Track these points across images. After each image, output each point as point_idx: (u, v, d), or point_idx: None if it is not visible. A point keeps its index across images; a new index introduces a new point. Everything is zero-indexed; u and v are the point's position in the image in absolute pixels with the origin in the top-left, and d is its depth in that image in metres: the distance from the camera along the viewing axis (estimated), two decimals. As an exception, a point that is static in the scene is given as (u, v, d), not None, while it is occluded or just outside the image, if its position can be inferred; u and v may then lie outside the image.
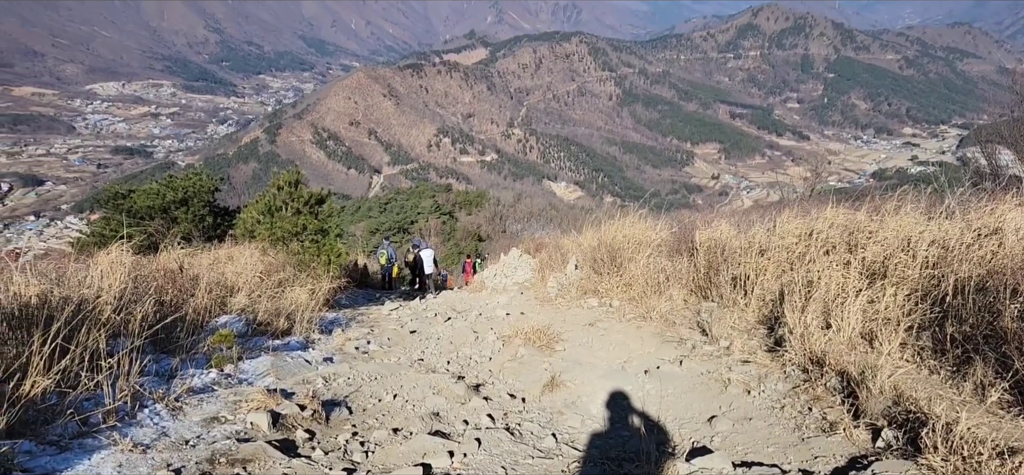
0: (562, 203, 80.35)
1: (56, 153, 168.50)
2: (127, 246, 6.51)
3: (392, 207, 50.73)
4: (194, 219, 15.79)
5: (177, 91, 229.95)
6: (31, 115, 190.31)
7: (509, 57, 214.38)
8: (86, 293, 5.15)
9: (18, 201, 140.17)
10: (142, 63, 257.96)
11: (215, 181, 17.26)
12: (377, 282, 20.11)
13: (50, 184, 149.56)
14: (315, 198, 12.72)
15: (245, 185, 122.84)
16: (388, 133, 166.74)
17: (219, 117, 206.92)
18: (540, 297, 9.83)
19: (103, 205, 16.50)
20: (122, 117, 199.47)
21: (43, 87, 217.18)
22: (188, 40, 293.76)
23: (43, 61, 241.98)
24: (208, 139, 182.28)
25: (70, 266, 6.53)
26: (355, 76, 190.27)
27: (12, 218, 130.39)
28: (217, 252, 9.48)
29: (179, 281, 7.04)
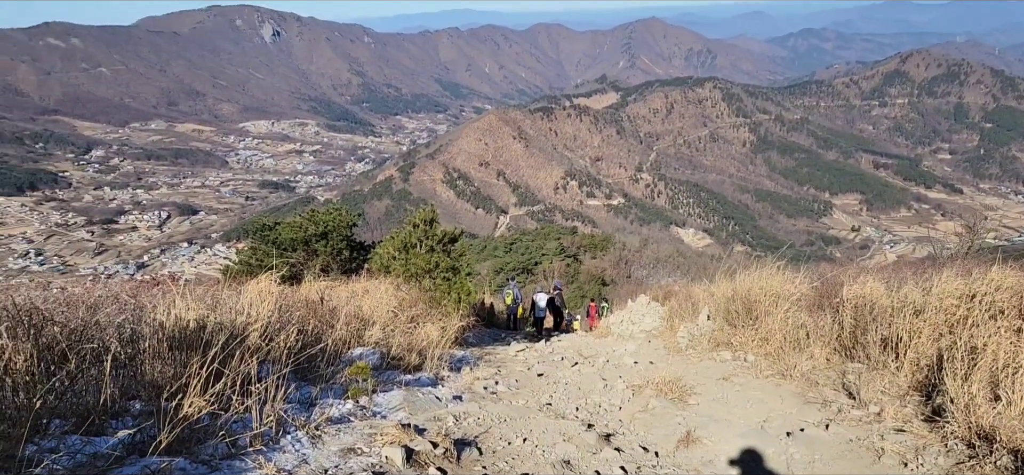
0: (690, 250, 78.50)
1: (210, 185, 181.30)
2: (275, 276, 6.86)
3: (517, 247, 51.21)
4: (333, 252, 16.51)
5: (320, 130, 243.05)
6: (191, 150, 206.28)
7: (640, 102, 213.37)
8: (237, 320, 5.44)
9: (174, 228, 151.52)
10: (291, 103, 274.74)
11: (353, 216, 18.00)
12: (502, 322, 20.29)
13: (203, 214, 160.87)
14: (448, 236, 13.02)
15: (378, 221, 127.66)
16: (516, 174, 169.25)
17: (357, 155, 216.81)
18: (669, 347, 9.58)
19: (251, 235, 17.57)
20: (270, 153, 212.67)
21: (202, 124, 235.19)
22: (333, 82, 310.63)
23: (204, 100, 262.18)
24: (346, 176, 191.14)
25: (223, 293, 6.94)
26: (487, 118, 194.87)
27: (169, 243, 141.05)
28: (354, 285, 9.84)
29: (320, 312, 7.34)
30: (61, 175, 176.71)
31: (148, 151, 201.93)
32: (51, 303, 5.10)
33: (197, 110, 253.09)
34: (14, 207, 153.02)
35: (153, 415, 3.88)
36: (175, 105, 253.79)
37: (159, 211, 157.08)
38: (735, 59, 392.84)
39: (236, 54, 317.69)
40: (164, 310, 5.17)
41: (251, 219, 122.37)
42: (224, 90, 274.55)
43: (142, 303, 5.71)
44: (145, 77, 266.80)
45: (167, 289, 7.18)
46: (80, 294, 6.07)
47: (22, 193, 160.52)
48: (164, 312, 5.13)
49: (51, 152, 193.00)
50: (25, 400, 3.54)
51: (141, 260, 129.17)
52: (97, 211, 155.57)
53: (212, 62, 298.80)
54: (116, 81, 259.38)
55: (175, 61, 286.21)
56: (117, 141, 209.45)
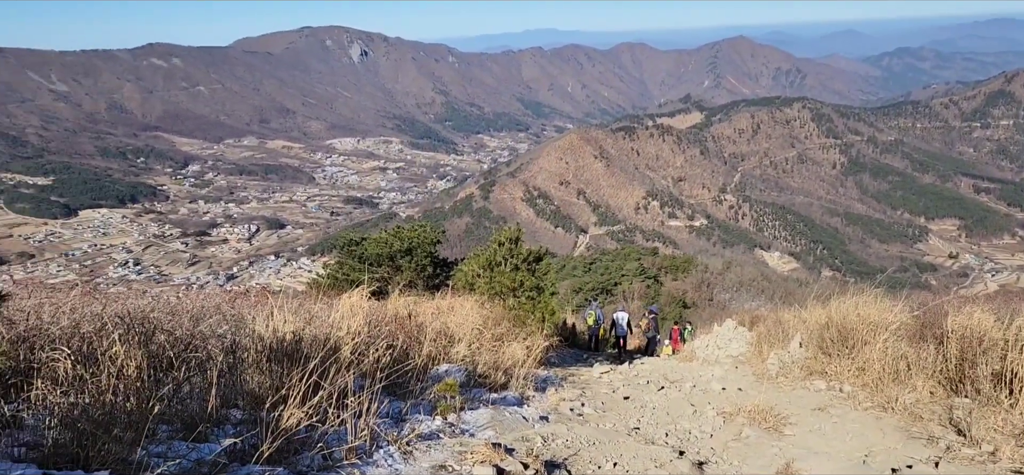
0: (775, 274, 76.24)
1: (297, 200, 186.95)
2: (366, 291, 6.99)
3: (597, 267, 50.87)
4: (417, 268, 16.75)
5: (404, 147, 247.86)
6: (280, 165, 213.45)
7: (725, 122, 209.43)
8: (331, 333, 5.55)
9: (263, 241, 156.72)
10: (376, 121, 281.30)
11: (437, 233, 18.23)
12: (584, 342, 20.14)
13: (290, 227, 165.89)
14: (533, 256, 13.03)
15: (458, 238, 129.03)
16: (597, 194, 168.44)
17: (439, 173, 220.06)
18: (758, 373, 9.30)
19: (339, 250, 18.00)
20: (355, 170, 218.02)
21: (292, 141, 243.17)
22: (417, 101, 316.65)
23: (294, 118, 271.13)
24: (428, 193, 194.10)
25: (316, 306, 7.11)
26: (568, 137, 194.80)
27: (257, 256, 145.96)
28: (439, 302, 9.94)
29: (407, 328, 7.43)
30: (160, 189, 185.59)
31: (240, 167, 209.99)
32: (158, 312, 5.33)
33: (287, 127, 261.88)
34: (116, 218, 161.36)
35: (253, 424, 3.98)
36: (267, 122, 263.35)
37: (249, 224, 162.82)
38: (825, 78, 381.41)
39: (325, 73, 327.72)
40: (262, 322, 5.32)
41: (336, 234, 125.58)
42: (313, 108, 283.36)
43: (241, 314, 5.89)
44: (240, 95, 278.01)
45: (263, 301, 7.40)
46: (184, 304, 6.33)
47: (124, 205, 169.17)
48: (262, 324, 5.28)
49: (151, 167, 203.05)
50: (136, 406, 3.68)
51: (231, 271, 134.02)
52: (192, 224, 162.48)
53: (302, 81, 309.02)
54: (213, 99, 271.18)
55: (268, 80, 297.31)
56: (212, 157, 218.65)
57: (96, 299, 5.78)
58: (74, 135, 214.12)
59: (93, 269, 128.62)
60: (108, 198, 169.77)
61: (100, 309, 4.96)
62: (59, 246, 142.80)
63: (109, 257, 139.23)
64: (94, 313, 4.80)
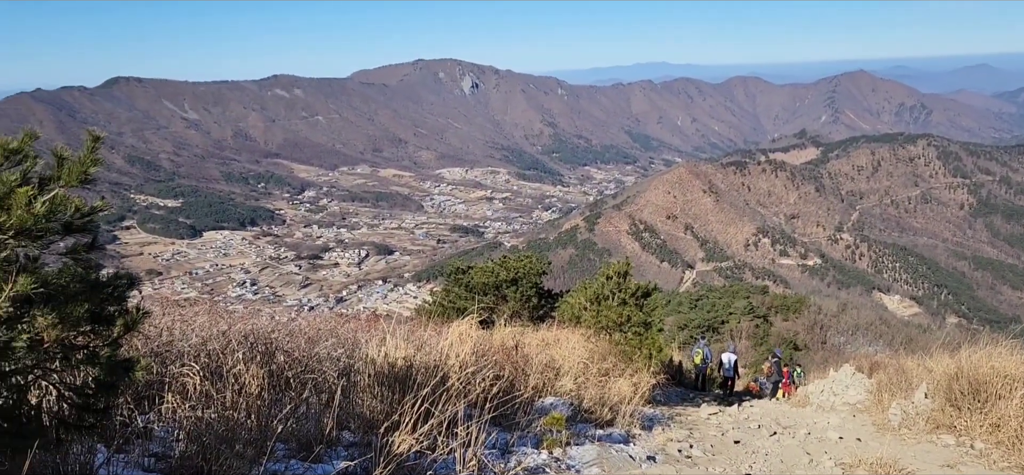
0: (895, 318, 72.22)
1: (405, 227, 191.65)
2: (474, 320, 7.03)
3: (703, 304, 49.63)
4: (522, 298, 16.79)
5: (510, 178, 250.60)
6: (390, 193, 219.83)
7: (842, 158, 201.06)
8: (440, 361, 5.60)
9: (371, 267, 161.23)
10: (484, 152, 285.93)
11: (543, 264, 18.24)
12: (690, 381, 19.64)
13: (398, 254, 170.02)
14: (642, 290, 12.84)
15: (562, 269, 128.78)
16: (705, 229, 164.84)
17: (544, 204, 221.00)
18: (878, 424, 8.80)
19: (447, 278, 18.29)
20: (462, 199, 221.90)
21: (403, 170, 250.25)
22: (525, 132, 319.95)
23: (405, 148, 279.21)
24: (533, 223, 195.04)
25: (425, 333, 7.20)
26: (676, 171, 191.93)
27: (366, 281, 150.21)
28: (545, 334, 9.89)
29: (514, 358, 7.42)
30: (277, 213, 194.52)
31: (353, 194, 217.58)
32: (278, 333, 5.52)
33: (399, 156, 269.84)
34: (236, 240, 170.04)
35: (365, 448, 4.03)
36: (379, 151, 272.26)
37: (359, 250, 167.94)
38: (953, 115, 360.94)
39: (437, 104, 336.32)
40: (375, 347, 5.42)
41: (442, 261, 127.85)
42: (424, 138, 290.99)
43: (355, 338, 6.03)
44: (355, 125, 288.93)
45: (374, 325, 7.55)
46: (301, 326, 6.54)
47: (244, 228, 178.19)
48: (375, 349, 5.38)
49: (271, 192, 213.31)
50: (256, 423, 3.80)
51: (340, 295, 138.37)
52: (305, 247, 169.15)
53: (415, 112, 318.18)
54: (330, 128, 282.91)
55: (382, 111, 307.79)
56: (327, 183, 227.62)
57: (222, 318, 6.05)
58: (202, 160, 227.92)
59: (213, 287, 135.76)
60: (230, 220, 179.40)
61: (226, 328, 5.19)
62: (184, 265, 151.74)
63: (228, 277, 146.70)
64: (221, 331, 5.02)
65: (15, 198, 2.62)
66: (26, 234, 2.66)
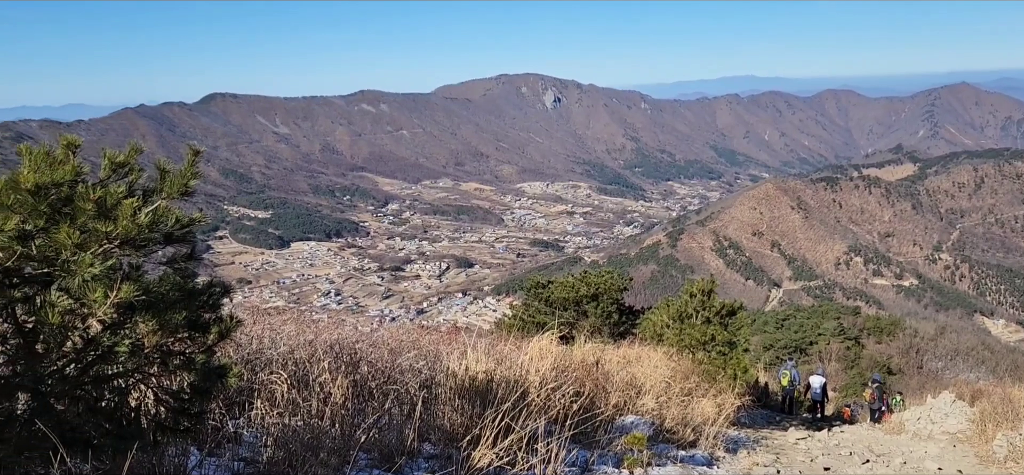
0: (999, 344, 68.23)
1: (486, 241, 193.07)
2: (554, 336, 7.00)
3: (790, 324, 48.09)
4: (603, 315, 16.65)
5: (591, 192, 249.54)
6: (472, 207, 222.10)
7: (942, 174, 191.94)
8: (520, 376, 5.59)
9: (452, 279, 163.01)
10: (565, 166, 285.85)
11: (625, 280, 18.06)
12: (776, 403, 19.06)
13: (478, 267, 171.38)
14: (727, 309, 12.54)
15: (643, 286, 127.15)
16: (792, 247, 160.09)
17: (626, 219, 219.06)
18: (981, 455, 8.33)
19: (527, 292, 18.31)
20: (542, 213, 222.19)
21: (484, 184, 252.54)
22: (607, 147, 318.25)
23: (487, 162, 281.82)
24: (614, 239, 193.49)
25: (506, 347, 7.21)
26: (763, 187, 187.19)
27: (446, 293, 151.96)
28: (626, 351, 9.77)
29: (594, 375, 7.34)
30: (362, 225, 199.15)
31: (435, 207, 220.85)
32: (362, 343, 5.62)
33: (480, 170, 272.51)
34: (322, 251, 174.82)
35: (445, 461, 4.05)
36: (462, 165, 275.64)
37: (440, 262, 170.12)
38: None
39: (519, 119, 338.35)
40: (456, 359, 5.46)
41: (522, 275, 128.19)
42: (505, 152, 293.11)
43: (437, 350, 6.09)
44: (438, 139, 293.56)
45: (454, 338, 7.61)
46: (383, 336, 6.65)
47: (330, 239, 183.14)
48: (456, 361, 5.42)
49: (356, 204, 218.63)
50: (341, 432, 3.87)
51: (421, 306, 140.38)
52: (388, 259, 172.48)
53: (497, 126, 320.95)
54: (414, 142, 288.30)
55: (465, 125, 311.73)
56: (410, 197, 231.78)
57: (309, 327, 6.21)
58: (291, 173, 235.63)
59: (300, 297, 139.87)
60: (316, 232, 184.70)
61: (312, 337, 5.32)
62: (272, 274, 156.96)
63: (314, 286, 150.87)
64: (307, 341, 5.15)
65: (121, 209, 2.75)
66: (130, 244, 2.78)
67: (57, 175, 2.67)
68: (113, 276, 2.66)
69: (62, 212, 2.69)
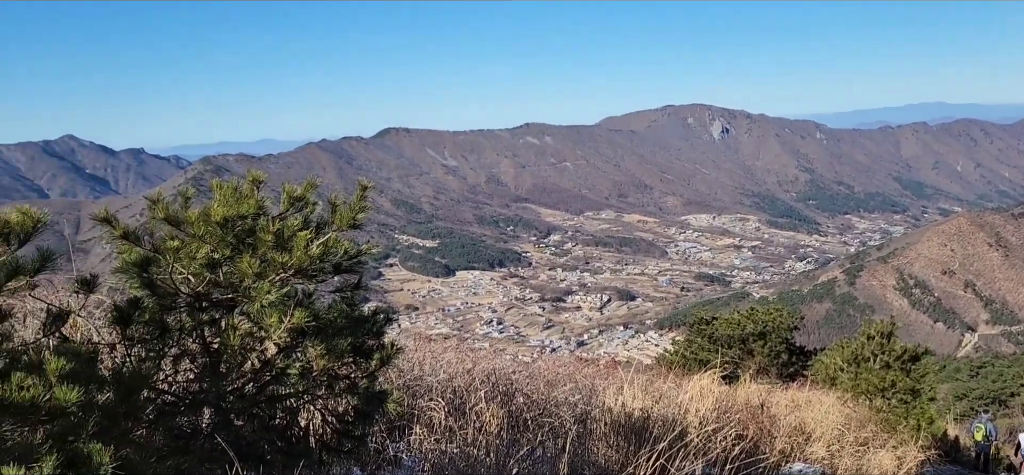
0: None
1: (648, 273, 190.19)
2: (717, 374, 6.75)
3: (987, 372, 43.74)
4: (770, 354, 15.90)
5: (761, 226, 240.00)
6: (634, 239, 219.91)
7: None
8: (678, 415, 5.42)
9: (613, 312, 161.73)
10: (733, 198, 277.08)
11: (795, 318, 17.18)
12: (968, 459, 17.31)
13: (640, 300, 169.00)
14: (909, 353, 11.58)
15: (816, 325, 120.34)
16: (989, 287, 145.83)
17: (798, 254, 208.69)
18: None
19: (690, 327, 17.84)
20: (708, 246, 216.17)
21: (647, 215, 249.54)
22: (778, 178, 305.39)
23: (651, 193, 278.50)
24: (785, 274, 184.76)
25: (664, 384, 7.03)
26: (955, 221, 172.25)
27: (606, 325, 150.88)
28: (795, 394, 9.25)
29: (759, 418, 7.00)
30: (524, 255, 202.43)
31: (597, 238, 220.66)
32: (518, 374, 5.68)
33: (643, 202, 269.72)
34: (485, 280, 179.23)
35: (598, 499, 3.99)
36: (624, 197, 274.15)
37: (601, 294, 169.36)
38: None
39: (684, 150, 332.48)
40: (612, 394, 5.39)
41: (685, 310, 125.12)
42: (670, 184, 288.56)
43: (593, 384, 6.04)
44: (601, 171, 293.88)
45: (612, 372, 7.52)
46: (540, 367, 6.69)
47: (493, 269, 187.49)
48: (612, 396, 5.35)
49: (519, 235, 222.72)
50: (495, 462, 3.91)
51: (581, 338, 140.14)
52: (549, 289, 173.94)
53: (661, 157, 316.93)
54: (577, 174, 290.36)
55: (629, 157, 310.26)
56: (572, 228, 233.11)
57: (468, 356, 6.36)
58: (458, 204, 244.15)
59: (463, 324, 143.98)
60: (480, 261, 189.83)
61: (471, 366, 5.44)
62: (438, 301, 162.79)
63: (477, 314, 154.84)
64: (466, 369, 5.27)
65: (296, 241, 2.96)
66: (303, 273, 2.98)
67: (242, 208, 2.91)
68: (287, 303, 2.86)
69: (245, 242, 2.93)
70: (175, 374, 3.13)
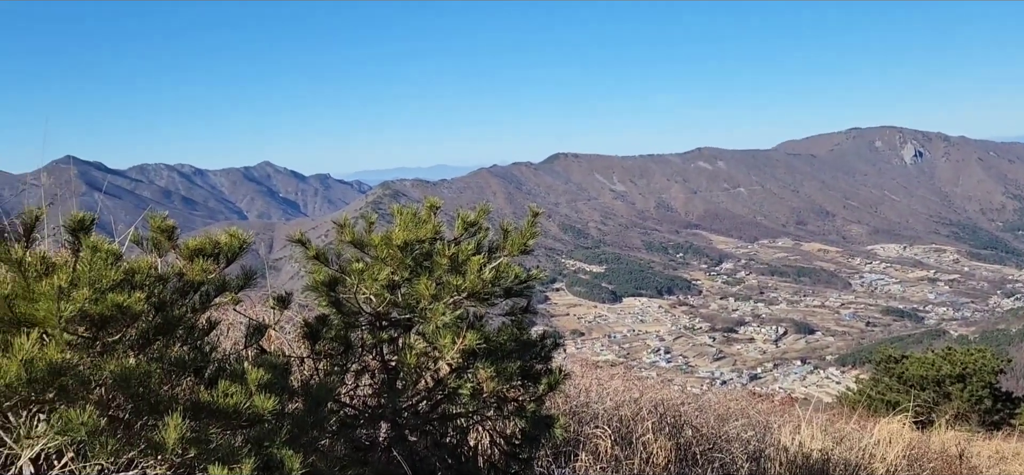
0: None
1: (829, 306, 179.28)
2: (907, 419, 6.24)
3: None
4: (971, 399, 14.49)
5: (960, 257, 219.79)
6: (814, 269, 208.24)
7: None
8: (862, 460, 5.06)
9: (789, 345, 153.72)
10: (927, 227, 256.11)
11: (1001, 361, 15.58)
12: None
13: (819, 334, 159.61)
14: None
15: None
16: None
17: (1005, 289, 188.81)
18: None
19: (875, 365, 16.63)
20: (897, 279, 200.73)
21: (828, 245, 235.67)
22: (981, 206, 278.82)
23: (832, 221, 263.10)
24: (989, 311, 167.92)
25: (847, 426, 6.59)
26: None
27: (782, 359, 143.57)
28: (1001, 445, 8.36)
29: (955, 468, 6.39)
30: (693, 283, 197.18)
31: (772, 267, 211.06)
32: (688, 406, 5.53)
33: (824, 230, 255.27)
34: (653, 308, 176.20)
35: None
36: (803, 224, 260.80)
37: (776, 326, 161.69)
38: None
39: (871, 175, 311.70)
40: (788, 434, 5.12)
41: (871, 346, 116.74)
42: (854, 211, 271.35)
43: (767, 422, 5.76)
44: (778, 197, 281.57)
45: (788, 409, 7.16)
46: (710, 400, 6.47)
47: (660, 296, 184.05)
48: (788, 436, 5.08)
49: (688, 262, 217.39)
50: (662, 495, 3.83)
51: (754, 371, 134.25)
52: (720, 320, 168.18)
53: (845, 183, 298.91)
54: (751, 200, 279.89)
55: (808, 182, 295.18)
56: (745, 256, 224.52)
57: (635, 385, 6.27)
58: (626, 230, 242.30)
59: (629, 352, 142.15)
60: (648, 288, 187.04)
61: (638, 395, 5.36)
62: (604, 327, 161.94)
63: (644, 342, 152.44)
64: (633, 398, 5.20)
65: (470, 265, 3.07)
66: (476, 296, 3.08)
67: (421, 233, 3.06)
68: (460, 325, 2.96)
69: (423, 265, 3.07)
70: (355, 388, 3.33)
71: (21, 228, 2.36)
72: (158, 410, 2.09)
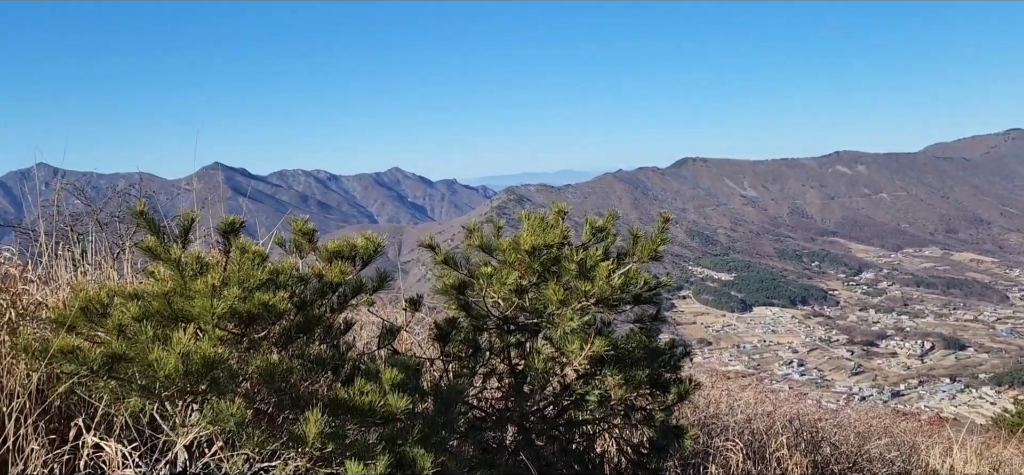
0: None
1: (983, 320, 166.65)
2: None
3: None
4: None
5: None
6: (966, 280, 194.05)
7: None
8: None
9: (936, 361, 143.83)
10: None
11: None
12: None
13: (971, 350, 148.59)
14: None
15: None
16: None
17: None
18: None
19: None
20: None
21: (982, 255, 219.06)
22: None
23: (987, 229, 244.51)
24: None
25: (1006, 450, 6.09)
26: None
27: (928, 376, 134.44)
28: None
29: None
30: (830, 293, 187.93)
31: (918, 278, 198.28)
32: (825, 422, 5.26)
33: (978, 239, 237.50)
34: (785, 318, 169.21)
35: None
36: (953, 233, 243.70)
37: (922, 340, 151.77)
38: None
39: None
40: (938, 456, 4.78)
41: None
42: (1013, 219, 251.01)
43: (915, 442, 5.41)
44: (925, 203, 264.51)
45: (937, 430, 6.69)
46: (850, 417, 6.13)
47: (794, 306, 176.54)
48: (937, 458, 4.75)
49: (824, 271, 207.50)
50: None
51: (897, 388, 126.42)
52: (859, 332, 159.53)
53: (1003, 188, 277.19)
54: (894, 206, 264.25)
55: (960, 187, 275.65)
56: (888, 265, 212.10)
57: (768, 398, 6.03)
58: (757, 237, 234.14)
59: (759, 363, 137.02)
60: (780, 298, 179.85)
61: (771, 409, 5.15)
62: (732, 337, 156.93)
63: (775, 354, 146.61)
64: (766, 411, 5.00)
65: (598, 270, 3.04)
66: (604, 302, 3.05)
67: (548, 238, 3.07)
68: (588, 330, 2.94)
69: (550, 270, 3.07)
70: (483, 391, 3.37)
71: (178, 230, 2.54)
72: (299, 405, 2.19)
